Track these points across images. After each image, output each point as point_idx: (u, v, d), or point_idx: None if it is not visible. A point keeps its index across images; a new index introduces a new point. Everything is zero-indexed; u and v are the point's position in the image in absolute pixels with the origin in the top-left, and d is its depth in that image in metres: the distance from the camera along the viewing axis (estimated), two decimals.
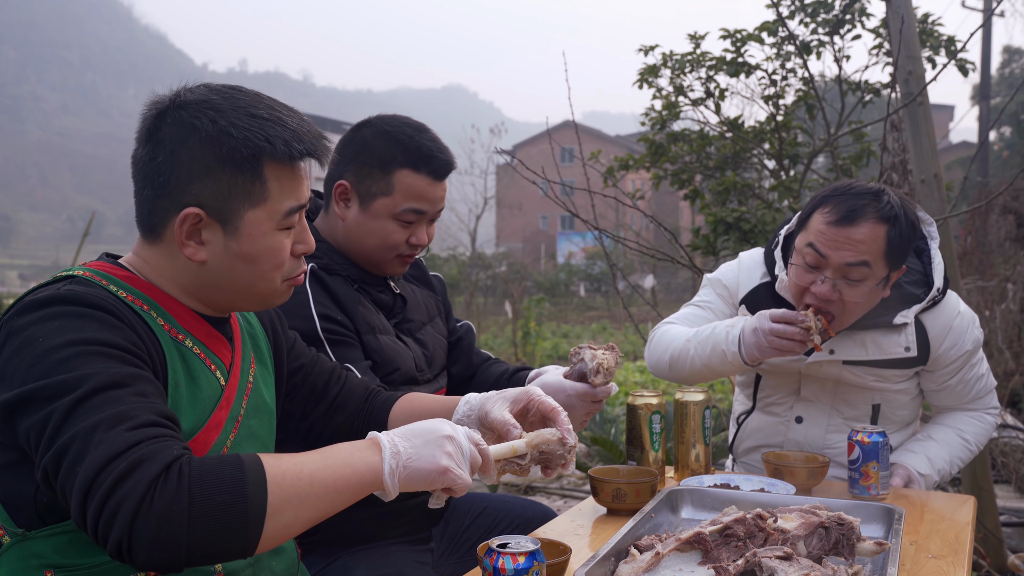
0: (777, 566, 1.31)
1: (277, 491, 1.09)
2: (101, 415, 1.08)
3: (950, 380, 2.20)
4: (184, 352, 1.30)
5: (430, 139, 1.92)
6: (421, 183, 1.90)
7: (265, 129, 1.28)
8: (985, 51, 14.76)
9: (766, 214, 4.29)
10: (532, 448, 1.34)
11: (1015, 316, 6.60)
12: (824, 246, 1.98)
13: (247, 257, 1.31)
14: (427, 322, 2.11)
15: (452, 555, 2.02)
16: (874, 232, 1.94)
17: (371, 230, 1.91)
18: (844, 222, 1.95)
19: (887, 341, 2.12)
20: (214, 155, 1.26)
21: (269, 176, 1.29)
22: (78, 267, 1.30)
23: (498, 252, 34.23)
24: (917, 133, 3.53)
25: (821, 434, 2.23)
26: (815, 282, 2.00)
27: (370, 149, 1.90)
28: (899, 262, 2.02)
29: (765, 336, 1.96)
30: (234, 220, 1.29)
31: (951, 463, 2.18)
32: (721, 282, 2.32)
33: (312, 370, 1.61)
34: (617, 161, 4.97)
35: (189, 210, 1.27)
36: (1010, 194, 7.82)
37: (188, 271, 1.32)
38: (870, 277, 1.98)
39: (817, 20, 4.33)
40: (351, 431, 1.61)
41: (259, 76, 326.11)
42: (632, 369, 9.30)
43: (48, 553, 1.21)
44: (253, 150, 1.27)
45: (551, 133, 4.76)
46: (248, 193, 1.28)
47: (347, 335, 1.85)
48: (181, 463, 1.06)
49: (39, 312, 1.17)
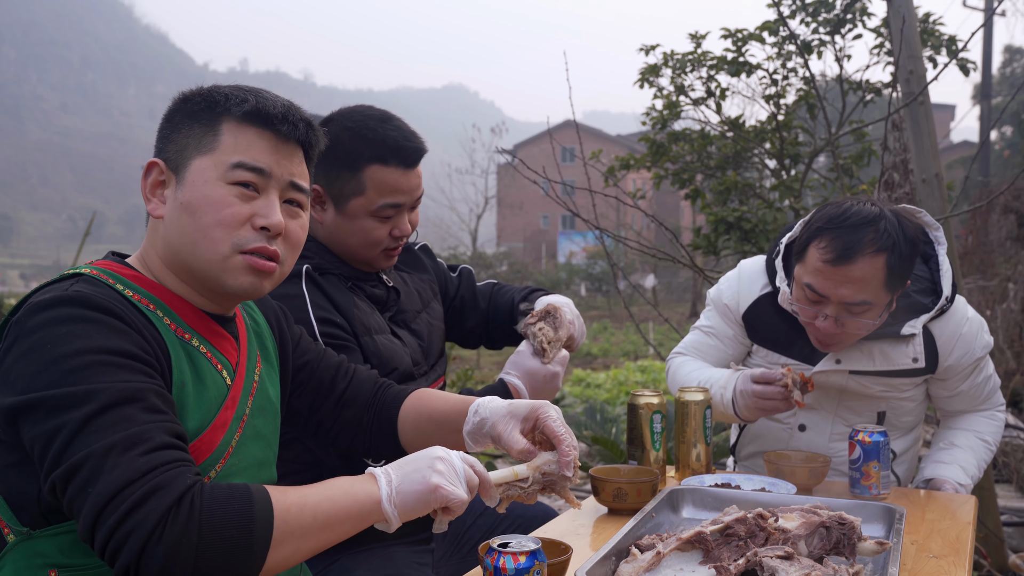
0: (778, 566, 1.31)
1: (282, 525, 1.12)
2: (114, 436, 1.09)
3: (961, 386, 2.17)
4: (190, 351, 1.30)
5: (395, 128, 1.86)
6: (393, 176, 1.85)
7: (236, 92, 1.33)
8: (986, 50, 14.74)
9: (767, 214, 4.28)
10: (535, 471, 1.33)
11: (1016, 316, 6.60)
12: (822, 287, 1.94)
13: (188, 206, 1.28)
14: (422, 309, 2.09)
15: (454, 556, 2.01)
16: (872, 265, 1.90)
17: (351, 231, 1.88)
18: (841, 261, 1.90)
19: (895, 352, 2.08)
20: (184, 112, 1.33)
21: (225, 130, 1.31)
22: (85, 265, 1.30)
23: (499, 252, 34.23)
24: (918, 132, 3.53)
25: (824, 442, 2.21)
26: (817, 317, 1.97)
27: (335, 149, 1.78)
28: (901, 284, 1.98)
29: (750, 399, 1.98)
30: (183, 169, 1.31)
31: (979, 467, 2.17)
32: (722, 301, 2.28)
33: (318, 365, 1.60)
34: (618, 160, 4.97)
35: (151, 161, 1.32)
36: (1011, 193, 7.82)
37: (158, 239, 1.33)
38: (872, 309, 1.95)
39: (818, 19, 4.33)
40: (361, 426, 1.60)
41: (260, 76, 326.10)
42: (633, 369, 9.30)
43: (52, 552, 1.21)
44: (210, 102, 1.32)
45: (552, 133, 4.76)
46: (199, 142, 1.31)
47: (346, 339, 1.83)
48: (193, 494, 1.08)
49: (47, 314, 1.17)
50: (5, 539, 1.23)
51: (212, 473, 1.29)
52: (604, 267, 28.17)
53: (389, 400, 1.62)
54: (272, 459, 1.46)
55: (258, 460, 1.40)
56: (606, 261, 22.31)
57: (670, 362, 2.36)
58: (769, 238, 4.17)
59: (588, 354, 13.92)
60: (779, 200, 4.58)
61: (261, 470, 1.41)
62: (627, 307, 4.49)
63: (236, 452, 1.33)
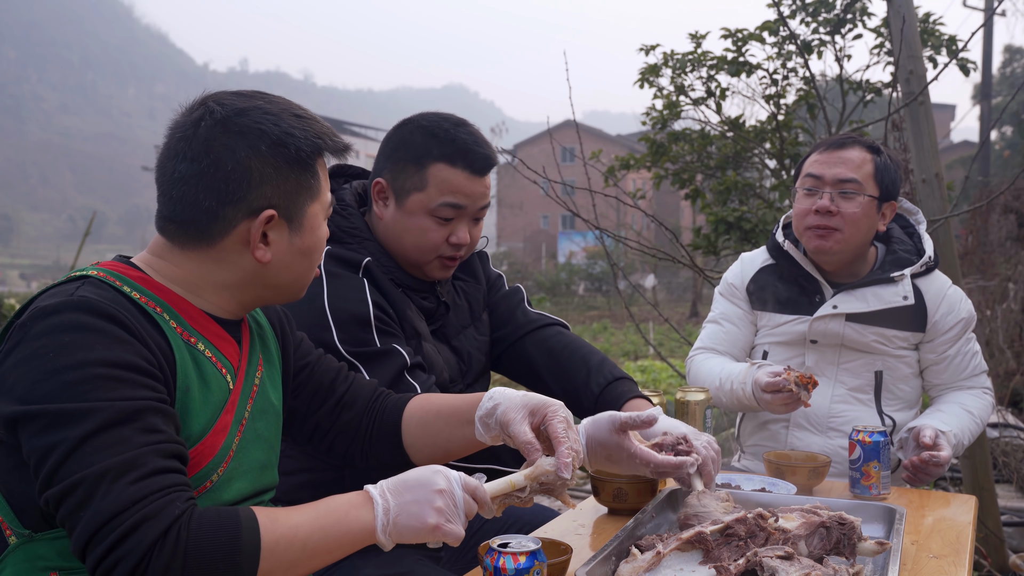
0: (778, 566, 1.31)
1: (270, 557, 1.14)
2: (109, 460, 1.09)
3: (949, 350, 2.31)
4: (196, 355, 1.30)
5: (468, 133, 1.86)
6: (457, 177, 1.83)
7: (313, 127, 1.35)
8: (986, 50, 14.75)
9: (767, 214, 4.28)
10: (532, 481, 1.32)
11: (1016, 316, 6.59)
12: (819, 169, 2.27)
13: (307, 251, 1.37)
14: (469, 324, 2.04)
15: (461, 559, 2.00)
16: (862, 156, 2.26)
17: (407, 227, 1.86)
18: (835, 147, 2.28)
19: (886, 292, 2.28)
20: (283, 157, 1.31)
21: (320, 171, 1.37)
22: (91, 267, 1.30)
23: (499, 251, 34.24)
24: (918, 132, 3.53)
25: (827, 404, 2.32)
26: (815, 202, 2.24)
27: (407, 145, 1.85)
28: (889, 191, 2.26)
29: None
30: (299, 216, 1.34)
31: (962, 431, 2.21)
32: (726, 281, 2.50)
33: (317, 368, 1.60)
34: (618, 160, 4.96)
35: (267, 212, 1.31)
36: (1011, 193, 7.81)
37: (240, 271, 1.33)
38: (863, 192, 2.23)
39: (818, 19, 4.33)
40: (359, 431, 1.59)
41: (260, 76, 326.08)
42: (633, 369, 9.30)
43: (52, 556, 1.21)
44: (312, 148, 1.34)
45: (552, 132, 4.76)
46: (309, 189, 1.35)
47: (394, 328, 1.83)
48: (180, 525, 1.09)
49: (51, 320, 1.16)
50: (7, 541, 1.23)
51: (214, 477, 1.29)
52: (604, 267, 28.17)
53: (391, 405, 1.61)
54: (274, 461, 1.46)
55: (260, 463, 1.39)
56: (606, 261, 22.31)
57: (690, 362, 2.47)
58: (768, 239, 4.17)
59: None
60: (779, 200, 4.58)
61: (263, 473, 1.40)
62: (627, 307, 4.49)
63: (237, 455, 1.33)
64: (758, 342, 2.44)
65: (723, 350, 2.42)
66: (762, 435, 2.40)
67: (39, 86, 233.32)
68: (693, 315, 19.42)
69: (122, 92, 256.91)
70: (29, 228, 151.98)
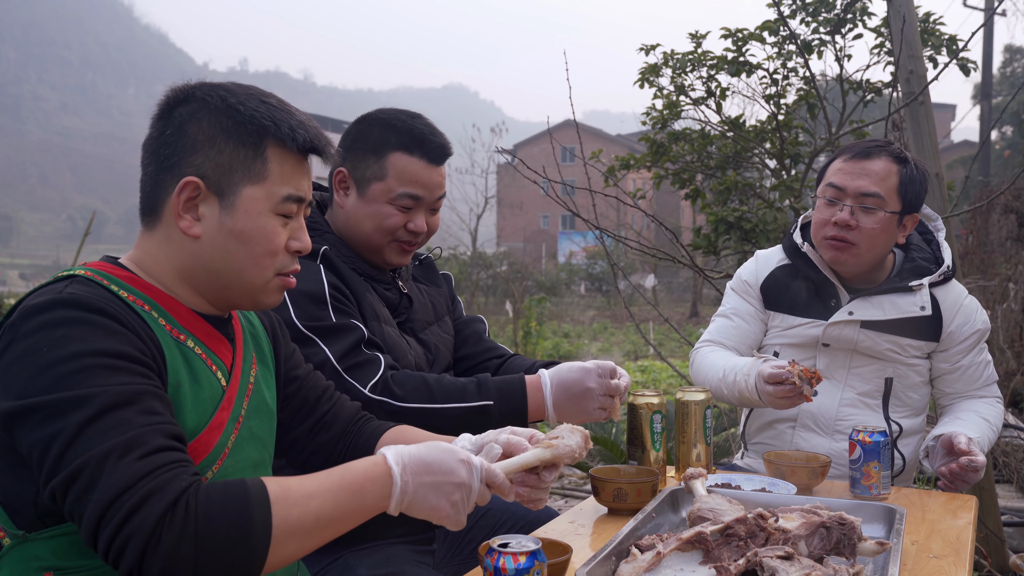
0: (778, 566, 1.31)
1: (282, 525, 1.12)
2: (112, 441, 1.09)
3: (963, 360, 2.29)
4: (186, 352, 1.30)
5: (423, 124, 1.95)
6: (415, 166, 1.92)
7: (273, 113, 1.32)
8: (986, 50, 14.75)
9: (767, 214, 4.28)
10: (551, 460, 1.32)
11: (1016, 316, 6.59)
12: (841, 178, 2.21)
13: (240, 235, 1.31)
14: (433, 322, 2.11)
15: (455, 557, 2.01)
16: (888, 167, 2.19)
17: (368, 214, 1.94)
18: (860, 157, 2.21)
19: (903, 301, 2.25)
20: (220, 127, 1.29)
21: (271, 157, 1.32)
22: (79, 267, 1.30)
23: (499, 251, 34.20)
24: (918, 132, 3.53)
25: (835, 407, 2.30)
26: (835, 214, 2.20)
27: (365, 136, 1.94)
28: (911, 203, 2.21)
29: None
30: (231, 194, 1.30)
31: (983, 439, 2.20)
32: (740, 278, 2.47)
33: (306, 383, 1.59)
34: (618, 160, 4.96)
35: (188, 179, 1.28)
36: (1011, 193, 7.81)
37: (183, 252, 1.32)
38: (884, 208, 2.18)
39: (818, 19, 4.33)
40: (333, 452, 1.57)
41: (260, 75, 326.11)
42: (633, 369, 9.30)
43: (47, 555, 1.21)
44: (258, 127, 1.30)
45: (552, 132, 4.76)
46: (248, 169, 1.30)
47: (350, 307, 1.87)
48: (188, 496, 1.08)
49: (41, 317, 1.16)
50: (1, 542, 1.23)
51: (209, 474, 1.29)
52: (604, 267, 28.17)
53: (368, 432, 1.60)
54: (268, 460, 1.46)
55: (254, 461, 1.39)
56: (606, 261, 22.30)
57: (695, 354, 2.45)
58: (769, 238, 4.17)
59: (588, 354, 13.92)
60: (779, 200, 4.57)
61: (257, 471, 1.40)
62: (627, 307, 4.49)
63: (232, 453, 1.33)
64: (769, 342, 2.41)
65: (730, 345, 2.41)
66: (768, 434, 2.40)
67: (39, 86, 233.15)
68: (693, 315, 19.41)
69: (122, 92, 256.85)
70: (29, 228, 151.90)
